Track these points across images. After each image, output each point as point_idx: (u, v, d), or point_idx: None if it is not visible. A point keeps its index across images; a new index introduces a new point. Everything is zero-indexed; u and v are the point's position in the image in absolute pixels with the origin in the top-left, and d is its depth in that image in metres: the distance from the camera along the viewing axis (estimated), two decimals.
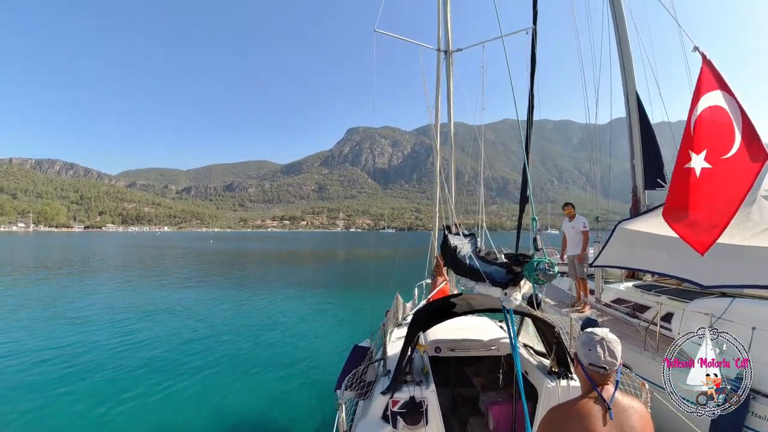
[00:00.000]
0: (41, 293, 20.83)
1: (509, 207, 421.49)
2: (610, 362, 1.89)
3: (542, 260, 2.79)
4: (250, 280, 28.27)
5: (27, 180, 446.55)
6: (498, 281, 3.26)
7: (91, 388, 8.68)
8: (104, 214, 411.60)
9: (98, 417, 7.40)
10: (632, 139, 8.93)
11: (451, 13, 8.43)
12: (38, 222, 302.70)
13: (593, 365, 1.91)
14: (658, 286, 7.71)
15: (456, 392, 5.49)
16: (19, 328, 13.65)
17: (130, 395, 8.34)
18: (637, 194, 9.01)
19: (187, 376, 9.52)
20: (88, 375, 9.46)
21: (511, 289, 3.15)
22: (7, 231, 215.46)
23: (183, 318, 15.81)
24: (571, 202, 8.94)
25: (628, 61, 8.85)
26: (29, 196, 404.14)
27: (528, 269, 2.88)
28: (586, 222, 8.68)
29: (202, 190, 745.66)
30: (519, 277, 3.10)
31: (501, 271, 3.28)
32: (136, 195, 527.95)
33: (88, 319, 14.91)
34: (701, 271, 5.28)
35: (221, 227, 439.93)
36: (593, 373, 1.92)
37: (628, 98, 8.93)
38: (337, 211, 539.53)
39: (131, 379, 9.29)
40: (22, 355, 10.84)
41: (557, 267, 2.89)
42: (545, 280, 2.79)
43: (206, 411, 7.78)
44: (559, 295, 10.02)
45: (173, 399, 8.27)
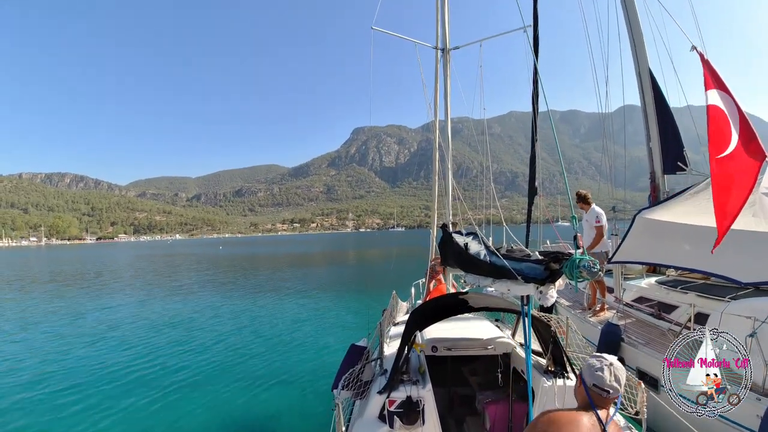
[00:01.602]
0: (49, 306, 20.83)
1: (519, 200, 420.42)
2: (614, 387, 1.97)
3: (585, 258, 2.68)
4: (249, 283, 28.76)
5: (37, 194, 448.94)
6: (532, 278, 3.14)
7: (90, 394, 8.82)
8: (116, 225, 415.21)
9: (98, 419, 7.60)
10: (647, 120, 8.14)
11: (449, 10, 8.34)
12: (50, 235, 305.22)
13: (597, 386, 1.99)
14: (683, 281, 6.97)
15: (452, 392, 5.46)
16: (26, 340, 13.50)
17: (127, 395, 8.61)
18: (655, 180, 8.19)
19: (182, 377, 9.67)
20: (85, 383, 9.56)
21: (547, 287, 3.09)
22: (19, 245, 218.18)
23: (180, 322, 16.19)
24: (584, 191, 7.92)
25: (639, 35, 8.11)
26: (40, 209, 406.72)
27: (569, 266, 2.77)
28: (600, 215, 7.55)
29: (212, 196, 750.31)
30: (557, 275, 3.01)
31: (537, 268, 3.15)
32: (147, 204, 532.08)
33: (87, 333, 14.64)
34: (738, 266, 4.65)
35: (232, 233, 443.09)
36: (595, 395, 2.00)
37: (640, 75, 8.14)
38: (346, 211, 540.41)
39: (129, 379, 9.59)
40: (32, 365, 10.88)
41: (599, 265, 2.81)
42: (588, 278, 2.70)
43: (203, 411, 7.88)
44: (573, 294, 9.27)
45: (171, 399, 8.42)
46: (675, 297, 6.58)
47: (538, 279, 3.10)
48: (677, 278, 7.46)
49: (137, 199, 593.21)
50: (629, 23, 8.27)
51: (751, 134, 3.90)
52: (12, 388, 9.38)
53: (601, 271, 7.56)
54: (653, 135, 8.12)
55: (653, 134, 8.12)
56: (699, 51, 4.39)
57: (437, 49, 8.33)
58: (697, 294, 6.12)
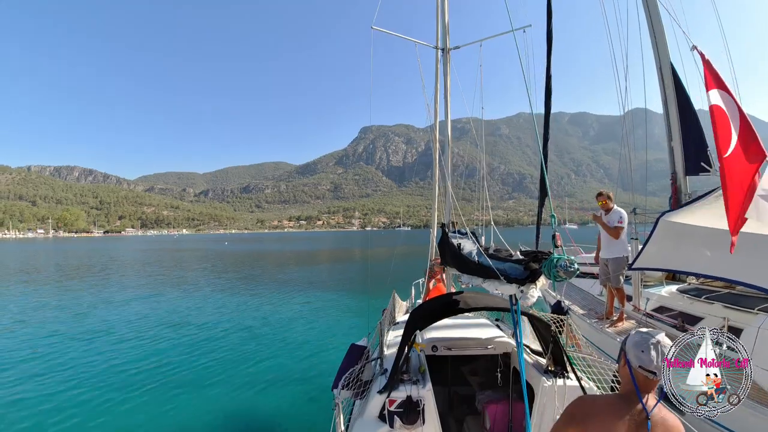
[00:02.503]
0: (52, 300, 20.70)
1: (526, 202, 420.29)
2: (662, 368, 1.80)
3: (562, 257, 2.73)
4: (249, 281, 28.72)
5: (46, 187, 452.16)
6: (514, 278, 3.17)
7: (85, 391, 8.81)
8: (124, 219, 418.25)
9: (93, 416, 7.59)
10: (668, 116, 7.59)
11: (449, 10, 8.29)
12: (57, 228, 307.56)
13: (643, 368, 1.81)
14: (707, 290, 6.47)
15: (452, 391, 5.42)
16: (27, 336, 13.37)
17: (124, 392, 8.62)
18: (676, 181, 7.65)
19: (180, 375, 9.65)
20: (79, 379, 9.56)
21: (528, 286, 3.08)
22: (25, 238, 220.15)
23: (178, 320, 16.12)
24: (607, 191, 7.33)
25: (659, 24, 7.56)
26: (49, 202, 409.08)
27: (547, 265, 2.83)
28: (623, 216, 6.99)
29: (219, 192, 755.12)
30: (537, 274, 3.02)
31: (518, 268, 3.19)
32: (155, 199, 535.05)
33: (81, 329, 14.48)
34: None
35: (238, 229, 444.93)
36: (640, 377, 1.83)
37: (661, 69, 7.59)
38: (353, 210, 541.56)
39: (126, 376, 9.63)
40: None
41: (577, 264, 2.77)
42: (565, 277, 2.74)
43: (202, 409, 7.85)
44: (588, 301, 8.73)
45: (169, 397, 8.40)
46: (699, 308, 6.10)
47: (519, 279, 3.11)
48: (699, 287, 6.95)
49: (145, 193, 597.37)
50: (648, 14, 7.77)
51: (752, 135, 3.89)
52: (11, 382, 9.39)
53: (622, 276, 7.09)
54: (675, 133, 7.58)
55: (675, 132, 7.57)
56: (699, 51, 4.37)
57: (437, 48, 8.29)
58: (724, 305, 5.66)
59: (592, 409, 1.85)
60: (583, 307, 8.30)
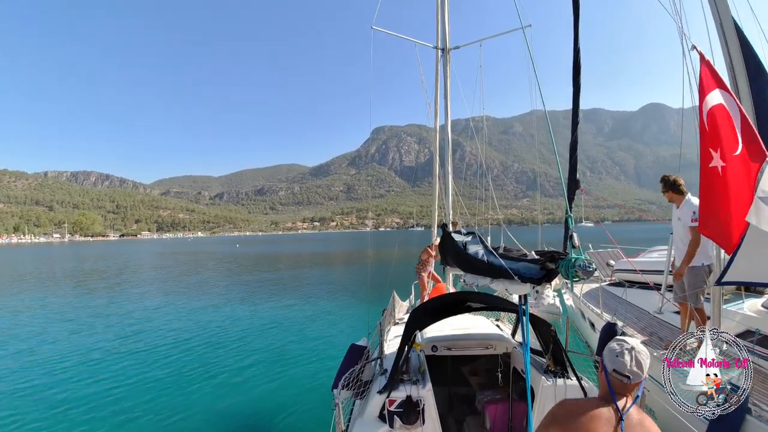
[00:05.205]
0: (62, 300, 20.85)
1: (541, 200, 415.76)
2: (635, 373, 1.87)
3: (580, 257, 2.65)
4: (251, 282, 29.02)
5: (63, 192, 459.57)
6: (528, 278, 3.11)
7: (86, 393, 8.90)
8: (140, 222, 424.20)
9: (97, 417, 7.69)
10: (737, 85, 5.57)
11: (449, 10, 8.33)
12: (74, 232, 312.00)
13: (617, 372, 1.89)
14: None
15: (452, 391, 5.44)
16: None
17: (127, 392, 8.79)
18: None
19: (181, 376, 9.73)
20: (77, 378, 9.83)
21: (543, 286, 3.05)
22: (38, 242, 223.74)
23: (178, 320, 16.19)
24: (674, 176, 5.63)
25: None
26: (65, 207, 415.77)
27: (564, 266, 2.74)
28: (698, 210, 4.61)
29: (234, 195, 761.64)
30: (553, 274, 2.98)
31: (533, 268, 3.13)
32: (171, 202, 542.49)
33: (86, 331, 14.23)
34: None
35: (253, 231, 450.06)
36: (615, 381, 1.91)
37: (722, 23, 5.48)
38: (366, 210, 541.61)
39: (127, 376, 9.77)
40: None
41: (594, 264, 2.66)
42: (584, 277, 2.65)
43: (202, 409, 7.93)
44: (645, 322, 7.09)
45: (169, 397, 8.48)
46: None
47: (535, 279, 3.08)
48: None
49: (161, 197, 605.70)
50: None
51: (752, 135, 3.88)
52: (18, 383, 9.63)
53: (706, 286, 5.41)
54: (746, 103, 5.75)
55: (746, 102, 5.72)
56: (699, 51, 4.26)
57: (437, 48, 8.33)
58: None
59: (574, 411, 1.90)
60: (642, 330, 6.70)
